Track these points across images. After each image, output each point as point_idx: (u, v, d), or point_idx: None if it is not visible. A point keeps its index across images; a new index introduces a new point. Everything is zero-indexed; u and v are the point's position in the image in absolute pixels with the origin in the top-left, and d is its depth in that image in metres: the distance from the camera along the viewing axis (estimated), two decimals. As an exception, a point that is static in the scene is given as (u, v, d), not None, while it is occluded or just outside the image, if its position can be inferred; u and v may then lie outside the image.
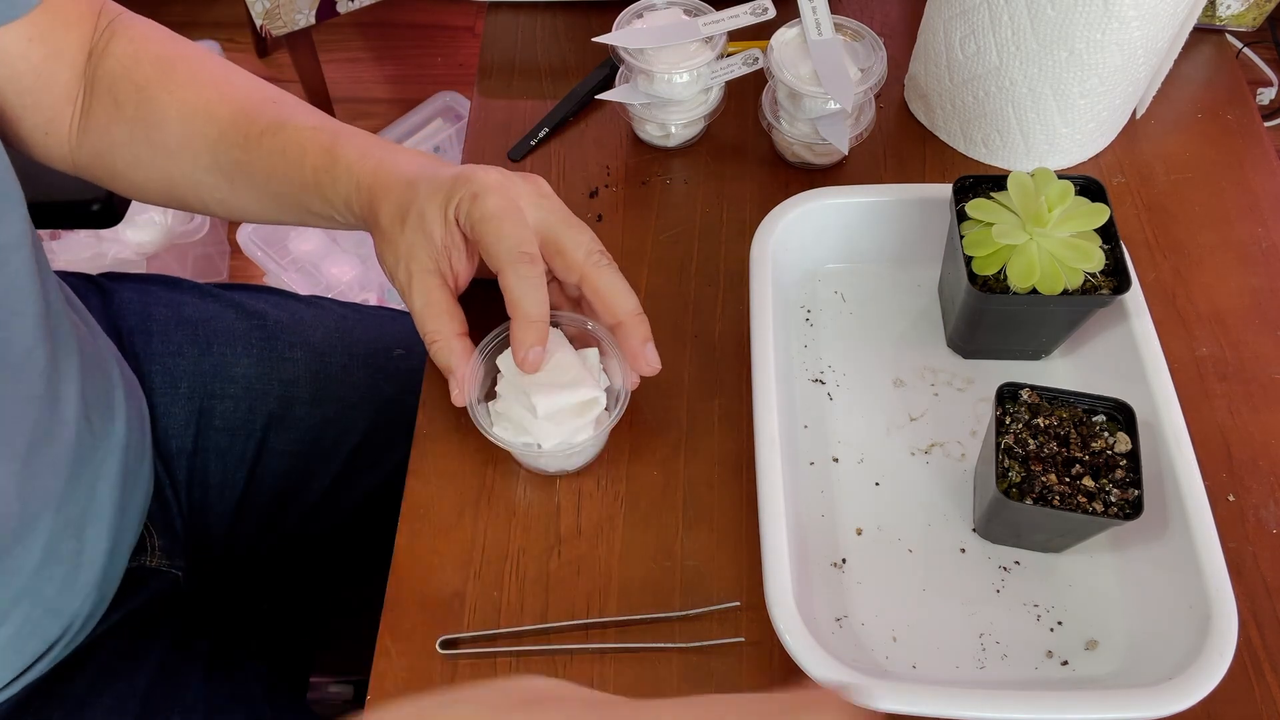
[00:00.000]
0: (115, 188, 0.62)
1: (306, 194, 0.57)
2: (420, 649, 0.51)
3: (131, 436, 0.64)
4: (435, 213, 0.53)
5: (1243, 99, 0.74)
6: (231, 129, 0.57)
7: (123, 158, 0.59)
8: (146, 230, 1.43)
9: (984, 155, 0.70)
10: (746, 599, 0.52)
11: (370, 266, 1.50)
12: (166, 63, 0.59)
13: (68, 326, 0.59)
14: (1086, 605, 0.51)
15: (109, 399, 0.62)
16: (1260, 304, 0.63)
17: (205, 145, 0.58)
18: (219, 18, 1.98)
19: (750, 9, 0.67)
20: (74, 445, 0.57)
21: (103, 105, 0.58)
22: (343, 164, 0.56)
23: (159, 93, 0.58)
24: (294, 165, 0.56)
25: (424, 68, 1.97)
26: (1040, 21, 0.61)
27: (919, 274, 0.63)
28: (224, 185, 0.59)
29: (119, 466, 0.61)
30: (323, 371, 0.76)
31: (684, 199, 0.69)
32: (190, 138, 0.58)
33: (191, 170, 0.59)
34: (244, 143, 0.57)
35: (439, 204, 0.53)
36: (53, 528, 0.56)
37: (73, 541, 0.58)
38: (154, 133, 0.58)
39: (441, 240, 0.53)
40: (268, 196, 0.59)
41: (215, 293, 0.78)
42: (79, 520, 0.58)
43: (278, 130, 0.57)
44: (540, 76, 0.77)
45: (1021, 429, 0.51)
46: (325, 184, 0.56)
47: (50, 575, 0.56)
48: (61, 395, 0.57)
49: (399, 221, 0.54)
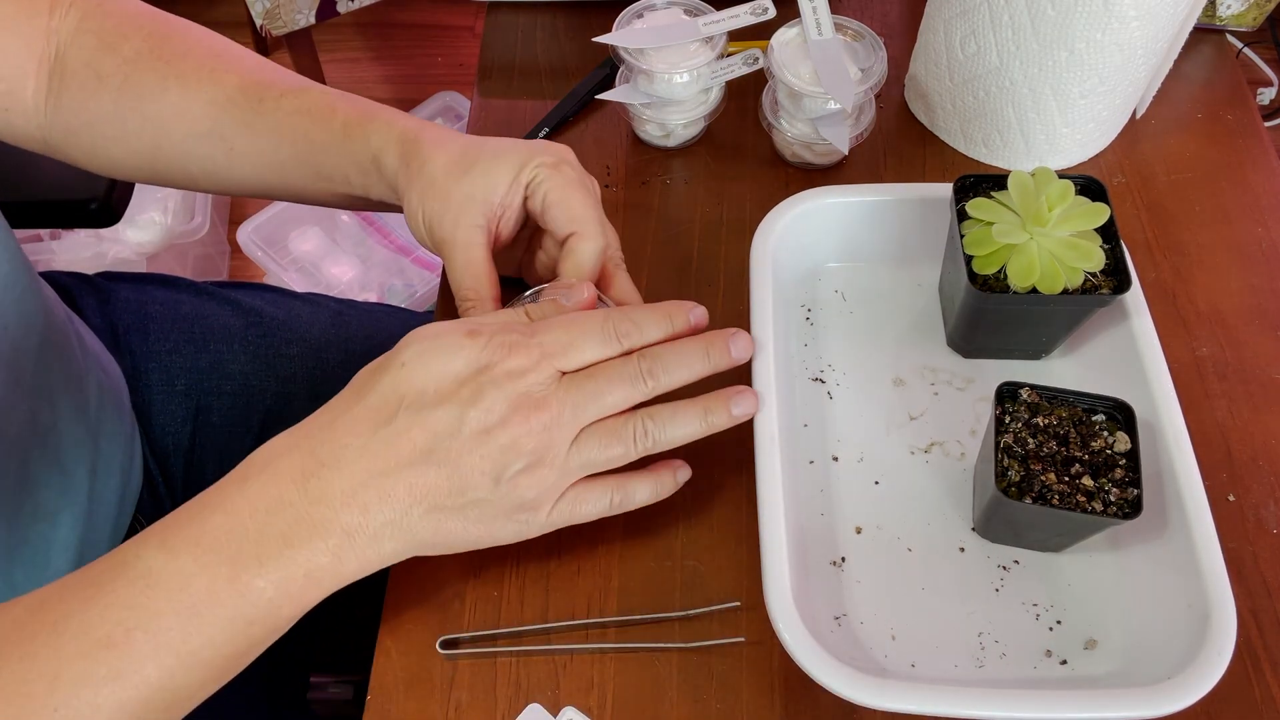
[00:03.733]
0: (91, 165, 0.62)
1: (326, 153, 0.57)
2: (420, 649, 0.51)
3: (105, 427, 0.63)
4: (505, 171, 0.53)
5: (1243, 99, 0.74)
6: (242, 94, 0.57)
7: (104, 132, 0.59)
8: (146, 230, 1.43)
9: (984, 155, 0.70)
10: (746, 599, 0.52)
11: (370, 266, 1.50)
12: (159, 35, 0.58)
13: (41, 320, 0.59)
14: (1086, 604, 0.51)
15: (80, 384, 0.62)
16: (1260, 304, 0.63)
17: (207, 111, 0.57)
18: (219, 18, 1.98)
19: (750, 9, 0.67)
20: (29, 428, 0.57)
21: (79, 80, 0.58)
22: (381, 119, 0.56)
23: (154, 63, 0.57)
24: (319, 121, 0.56)
25: (424, 68, 1.97)
26: (1040, 21, 0.61)
27: (919, 273, 0.63)
28: (219, 153, 0.58)
29: (89, 454, 0.61)
30: (320, 368, 0.76)
31: (684, 199, 0.69)
32: (190, 104, 0.57)
33: (184, 139, 0.58)
34: (258, 105, 0.57)
35: (512, 163, 0.53)
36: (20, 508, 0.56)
37: (43, 525, 0.57)
38: (146, 103, 0.58)
39: (502, 199, 0.53)
40: (274, 160, 0.58)
41: (212, 291, 0.78)
42: (53, 504, 0.58)
43: (299, 92, 0.57)
44: (540, 76, 0.77)
45: (1021, 428, 0.51)
46: (356, 137, 0.56)
47: (19, 558, 0.56)
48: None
49: (459, 170, 0.53)
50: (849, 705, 0.46)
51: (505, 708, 0.49)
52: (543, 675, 0.50)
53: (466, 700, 0.50)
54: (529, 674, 0.50)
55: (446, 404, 0.44)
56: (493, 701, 0.50)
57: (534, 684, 0.50)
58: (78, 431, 0.60)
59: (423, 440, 0.44)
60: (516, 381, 0.45)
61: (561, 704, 0.49)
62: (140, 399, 0.71)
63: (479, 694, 0.50)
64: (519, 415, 0.44)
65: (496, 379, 0.44)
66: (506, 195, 0.53)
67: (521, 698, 0.50)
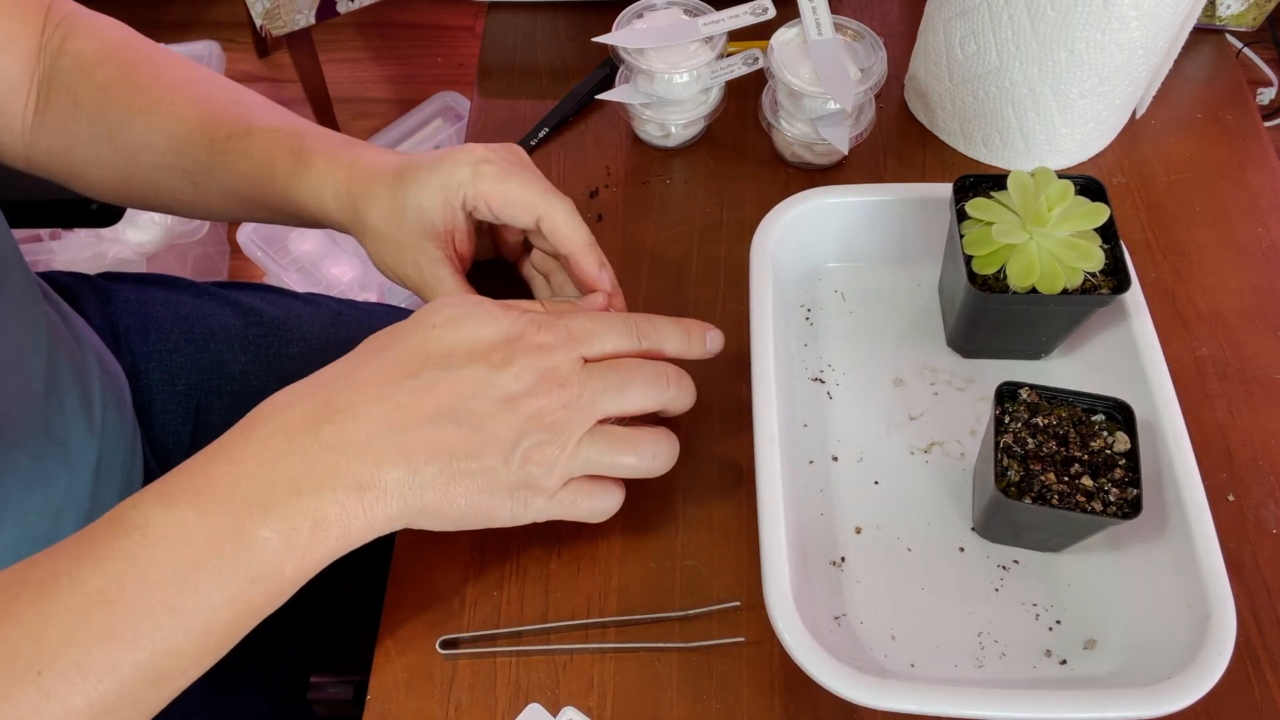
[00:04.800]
0: (74, 186, 0.62)
1: (276, 198, 0.57)
2: (420, 649, 0.51)
3: (108, 426, 0.63)
4: (433, 199, 0.53)
5: (1243, 99, 0.74)
6: (196, 132, 0.57)
7: (81, 156, 0.59)
8: (146, 230, 1.43)
9: (984, 155, 0.70)
10: (746, 599, 0.52)
11: (370, 266, 1.50)
12: (129, 64, 0.59)
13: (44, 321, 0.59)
14: (1085, 604, 0.51)
15: (84, 383, 0.62)
16: (1260, 304, 0.63)
17: (168, 147, 0.58)
18: (219, 18, 1.98)
19: (750, 9, 0.67)
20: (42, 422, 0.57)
21: (60, 103, 0.58)
22: (315, 170, 0.56)
23: (121, 93, 0.58)
24: (263, 169, 0.57)
25: (424, 68, 1.97)
26: (1040, 21, 0.61)
27: (919, 273, 0.63)
28: (187, 188, 0.59)
29: (94, 452, 0.61)
30: (320, 368, 0.76)
31: (684, 199, 0.69)
32: (152, 140, 0.58)
33: (151, 171, 0.59)
34: (209, 146, 0.57)
35: (435, 190, 0.53)
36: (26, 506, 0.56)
37: (49, 523, 0.58)
38: (115, 133, 0.58)
39: (444, 225, 0.54)
40: (235, 198, 0.59)
41: (212, 291, 0.78)
42: (59, 502, 0.58)
43: (244, 135, 0.57)
44: (540, 76, 0.77)
45: (1021, 428, 0.51)
46: (296, 187, 0.56)
47: (23, 555, 0.56)
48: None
49: (395, 219, 0.54)
50: (849, 705, 0.46)
51: (505, 708, 0.49)
52: (543, 675, 0.50)
53: (466, 700, 0.50)
54: (529, 674, 0.50)
55: (476, 364, 0.44)
56: (493, 701, 0.50)
57: (534, 684, 0.50)
58: (83, 430, 0.61)
59: (449, 397, 0.43)
60: (545, 356, 0.45)
61: (561, 704, 0.49)
62: (141, 399, 0.71)
63: (479, 694, 0.50)
64: (543, 387, 0.45)
65: (526, 349, 0.45)
66: (446, 221, 0.54)
67: (521, 698, 0.50)
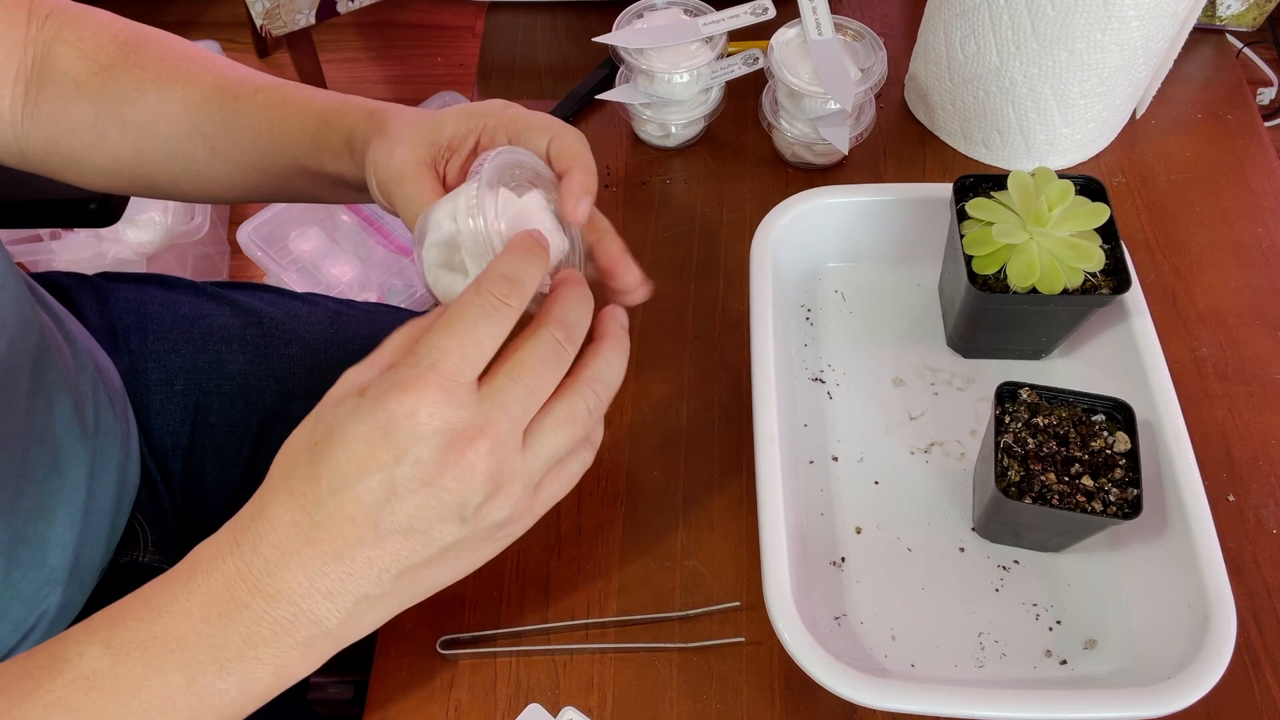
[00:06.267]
0: (71, 175, 0.62)
1: (301, 142, 0.57)
2: (420, 649, 0.51)
3: (101, 426, 0.63)
4: (458, 117, 0.53)
5: (1243, 99, 0.74)
6: (218, 91, 0.58)
7: (84, 140, 0.59)
8: (146, 230, 1.43)
9: (984, 155, 0.70)
10: (746, 599, 0.52)
11: (370, 266, 1.50)
12: (133, 43, 0.59)
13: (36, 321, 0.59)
14: (1085, 604, 0.51)
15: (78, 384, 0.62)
16: (1260, 304, 0.63)
17: (185, 112, 0.58)
18: (219, 18, 1.98)
19: (750, 9, 0.67)
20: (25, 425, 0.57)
21: (57, 89, 0.58)
22: (355, 103, 0.57)
23: (129, 68, 0.58)
24: (294, 113, 0.57)
25: (424, 68, 1.97)
26: (1040, 21, 0.61)
27: (919, 273, 0.63)
28: (201, 154, 0.59)
29: (86, 452, 0.61)
30: (319, 368, 0.76)
31: (684, 199, 0.69)
32: (167, 108, 0.58)
33: (165, 140, 0.59)
34: (235, 102, 0.58)
35: (466, 113, 0.53)
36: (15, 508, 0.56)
37: (40, 524, 0.58)
38: (125, 107, 0.58)
39: (449, 140, 0.53)
40: (252, 156, 0.59)
41: (211, 291, 0.78)
42: (50, 502, 0.58)
43: (275, 88, 0.58)
44: (540, 76, 0.77)
45: (1021, 428, 0.51)
46: (330, 123, 0.56)
47: (17, 556, 0.56)
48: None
49: (414, 123, 0.53)
50: (849, 705, 0.46)
51: (505, 708, 0.49)
52: (543, 675, 0.50)
53: (466, 700, 0.50)
54: (529, 674, 0.50)
55: (368, 473, 0.38)
56: (493, 701, 0.50)
57: (534, 684, 0.50)
58: (73, 430, 0.60)
59: (362, 516, 0.38)
60: (431, 419, 0.38)
61: (561, 704, 0.49)
62: (139, 399, 0.71)
63: (479, 694, 0.50)
64: (453, 453, 0.38)
65: (408, 428, 0.38)
66: (454, 137, 0.52)
67: (521, 698, 0.50)
